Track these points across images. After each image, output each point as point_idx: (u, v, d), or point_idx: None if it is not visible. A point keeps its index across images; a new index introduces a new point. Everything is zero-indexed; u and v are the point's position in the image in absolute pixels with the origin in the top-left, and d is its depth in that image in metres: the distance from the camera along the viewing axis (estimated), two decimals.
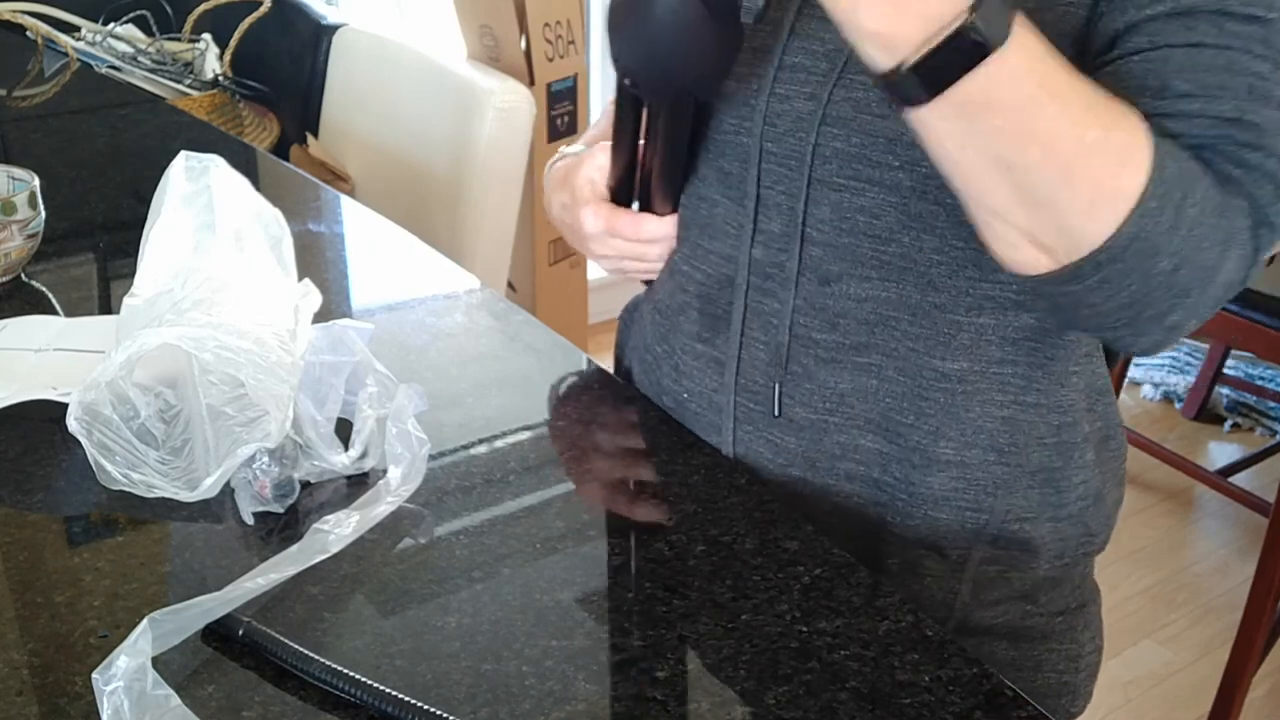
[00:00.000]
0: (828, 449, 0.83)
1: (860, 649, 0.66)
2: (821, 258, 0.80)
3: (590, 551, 0.73)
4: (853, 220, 0.79)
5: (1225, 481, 2.27)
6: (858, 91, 0.76)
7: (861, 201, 0.78)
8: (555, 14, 2.44)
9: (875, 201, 0.77)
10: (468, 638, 0.66)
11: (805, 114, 0.79)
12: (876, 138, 0.76)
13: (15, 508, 0.76)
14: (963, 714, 0.62)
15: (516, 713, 0.61)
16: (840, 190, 0.78)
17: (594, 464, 0.83)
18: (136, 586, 0.69)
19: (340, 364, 0.80)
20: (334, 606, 0.68)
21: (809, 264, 0.81)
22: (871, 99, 0.75)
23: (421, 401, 0.79)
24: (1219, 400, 2.70)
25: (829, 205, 0.79)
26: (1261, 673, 1.86)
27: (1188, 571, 2.24)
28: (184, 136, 1.56)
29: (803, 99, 0.79)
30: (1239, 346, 2.35)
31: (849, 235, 0.79)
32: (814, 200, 0.80)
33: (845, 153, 0.77)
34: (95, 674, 0.59)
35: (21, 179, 1.08)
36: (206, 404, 0.74)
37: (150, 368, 0.78)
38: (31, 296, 1.06)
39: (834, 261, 0.80)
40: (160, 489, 0.74)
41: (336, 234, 1.23)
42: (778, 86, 0.80)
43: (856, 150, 0.77)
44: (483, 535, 0.75)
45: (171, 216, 0.86)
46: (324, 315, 0.85)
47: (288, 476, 0.75)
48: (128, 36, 2.27)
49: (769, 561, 0.72)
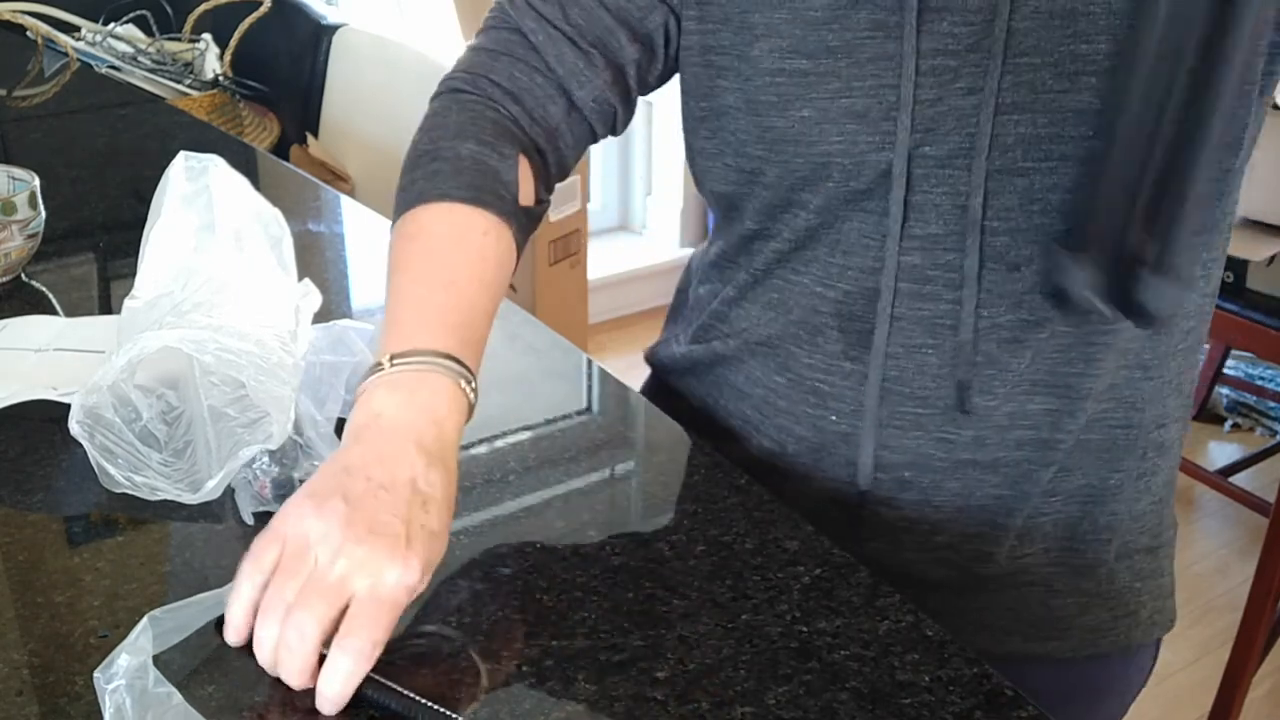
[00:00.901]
0: (998, 422, 0.82)
1: (860, 649, 0.66)
2: (1009, 245, 0.78)
3: (590, 551, 0.73)
4: (1044, 200, 0.76)
5: (1225, 481, 2.27)
6: (1028, 74, 0.74)
7: (1053, 180, 0.76)
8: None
9: (1068, 176, 0.75)
10: (468, 638, 0.66)
11: (969, 109, 0.75)
12: (1065, 113, 0.74)
13: (15, 508, 0.76)
14: (963, 714, 0.62)
15: (516, 713, 0.61)
16: (1028, 174, 0.76)
17: (594, 464, 0.83)
18: (136, 586, 0.69)
19: (340, 364, 0.80)
20: None
21: (992, 254, 0.78)
22: (1047, 76, 0.73)
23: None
24: (1219, 400, 2.70)
25: (1015, 192, 0.76)
26: (1261, 673, 1.86)
27: (1188, 571, 2.24)
28: (184, 136, 1.56)
29: (959, 95, 0.75)
30: (1239, 346, 2.35)
31: (1040, 216, 0.77)
32: (995, 191, 0.76)
33: (1031, 135, 0.75)
34: (97, 673, 0.59)
35: (21, 179, 1.08)
36: (208, 405, 0.74)
37: (152, 369, 0.78)
38: (31, 296, 1.06)
39: (1024, 246, 0.78)
40: (163, 492, 0.74)
41: (336, 234, 1.23)
42: (922, 93, 0.76)
43: (1044, 131, 0.75)
44: (483, 535, 0.75)
45: (171, 217, 0.86)
46: (324, 315, 0.85)
47: (288, 476, 0.75)
48: (128, 36, 2.27)
49: (769, 561, 0.72)
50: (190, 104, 2.14)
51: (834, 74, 0.77)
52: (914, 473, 0.84)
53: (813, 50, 0.77)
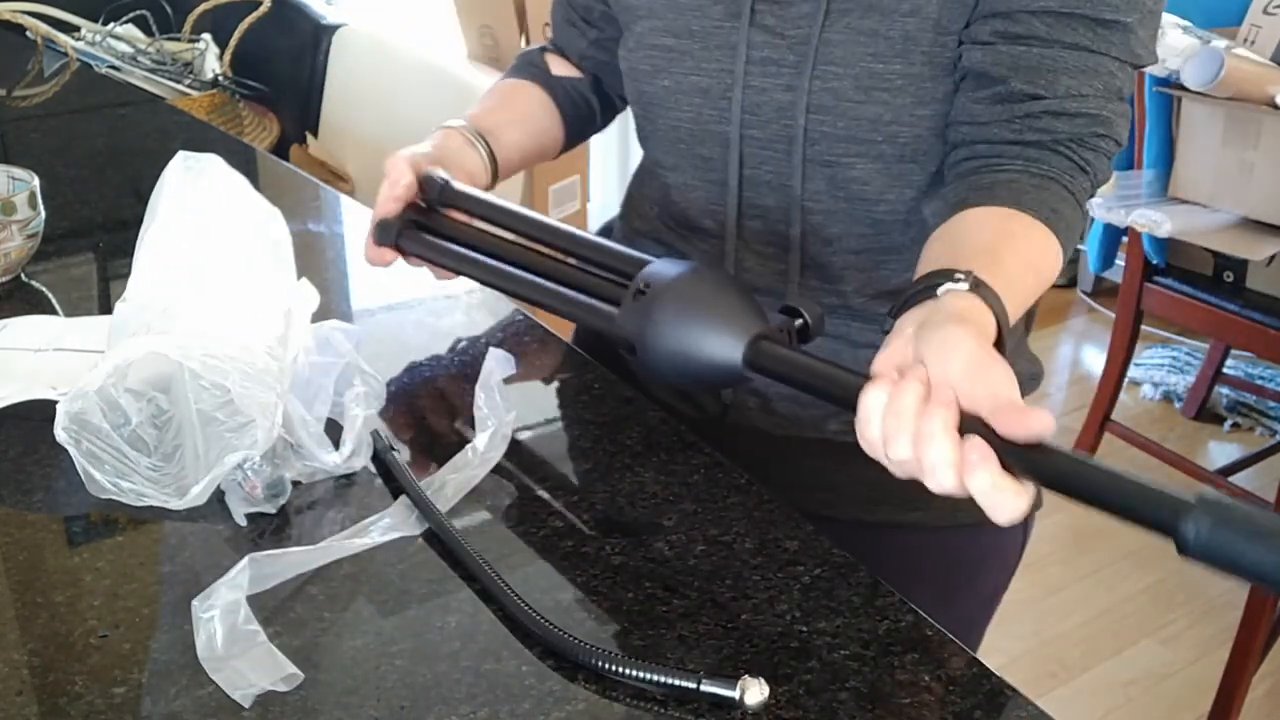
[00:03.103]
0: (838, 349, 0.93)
1: (860, 649, 0.66)
2: (822, 223, 0.91)
3: (590, 551, 0.73)
4: (847, 189, 0.89)
5: (1225, 481, 2.26)
6: (832, 82, 0.85)
7: (853, 173, 0.88)
8: None
9: (865, 171, 0.88)
10: (468, 638, 0.66)
11: (786, 104, 0.88)
12: (859, 120, 0.85)
13: (15, 508, 0.76)
14: (963, 714, 0.62)
15: (516, 713, 0.61)
16: (832, 166, 0.88)
17: (594, 464, 0.83)
18: (136, 586, 0.69)
19: (329, 364, 0.80)
20: (334, 606, 0.68)
21: (812, 227, 0.91)
22: (847, 88, 0.85)
23: (510, 366, 0.85)
24: (1219, 400, 2.70)
25: (823, 179, 0.89)
26: (1261, 673, 1.86)
27: (1188, 571, 2.24)
28: (183, 136, 1.56)
29: (780, 90, 0.88)
30: (1239, 346, 2.35)
31: (845, 201, 0.90)
32: (809, 176, 0.89)
33: (833, 135, 0.87)
34: (195, 601, 0.65)
35: (21, 179, 1.08)
36: (197, 409, 0.74)
37: (144, 372, 0.77)
38: (31, 296, 1.06)
39: (834, 224, 0.91)
40: (150, 498, 0.75)
41: (336, 234, 1.23)
42: (750, 80, 0.89)
43: (844, 133, 0.86)
44: (482, 535, 0.75)
45: (168, 218, 0.86)
46: (323, 315, 0.85)
47: (279, 476, 0.75)
48: (128, 36, 2.27)
49: (769, 561, 0.72)
50: (190, 104, 2.14)
51: (689, 54, 0.92)
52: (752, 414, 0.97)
53: (679, 31, 0.92)
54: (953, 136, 0.86)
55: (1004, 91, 0.82)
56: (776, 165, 0.90)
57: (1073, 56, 0.81)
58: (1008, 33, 0.81)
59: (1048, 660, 1.98)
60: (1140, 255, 2.11)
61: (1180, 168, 1.96)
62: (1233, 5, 2.01)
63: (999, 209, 0.78)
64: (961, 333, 0.62)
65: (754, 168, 0.91)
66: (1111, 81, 0.82)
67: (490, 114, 1.03)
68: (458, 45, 2.64)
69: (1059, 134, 0.81)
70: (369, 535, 0.72)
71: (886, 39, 0.83)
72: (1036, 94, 0.81)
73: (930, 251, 0.76)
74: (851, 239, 0.91)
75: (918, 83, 0.84)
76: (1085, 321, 3.14)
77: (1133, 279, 2.16)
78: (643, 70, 0.96)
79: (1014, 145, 0.82)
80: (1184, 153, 1.95)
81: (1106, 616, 2.10)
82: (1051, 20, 0.80)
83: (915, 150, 0.87)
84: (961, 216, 0.78)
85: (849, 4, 0.84)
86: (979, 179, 0.82)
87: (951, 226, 0.78)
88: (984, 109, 0.83)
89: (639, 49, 0.96)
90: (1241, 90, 1.81)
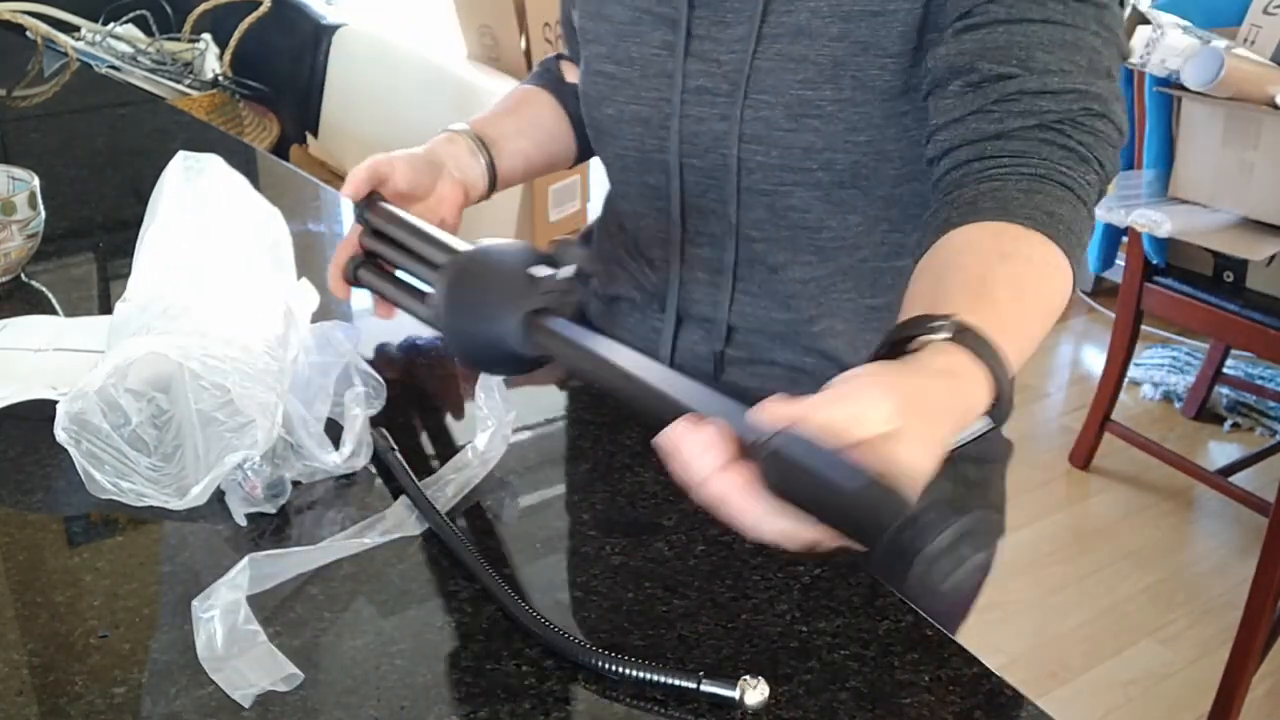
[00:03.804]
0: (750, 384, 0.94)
1: (860, 649, 0.65)
2: (766, 251, 0.89)
3: (590, 551, 0.73)
4: (786, 217, 0.87)
5: (1225, 481, 2.26)
6: (764, 111, 0.83)
7: (791, 201, 0.86)
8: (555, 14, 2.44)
9: (803, 200, 0.85)
10: (468, 638, 0.66)
11: (721, 133, 0.86)
12: (792, 149, 0.83)
13: (15, 508, 0.76)
14: (963, 714, 0.62)
15: (516, 713, 0.61)
16: (770, 194, 0.86)
17: (594, 464, 0.83)
18: (136, 586, 0.69)
19: (329, 364, 0.80)
20: (334, 606, 0.68)
21: (756, 256, 0.89)
22: (779, 116, 0.83)
23: None
24: (1219, 400, 2.70)
25: (762, 207, 0.87)
26: (1261, 673, 1.86)
27: (1188, 571, 2.24)
28: (183, 136, 1.56)
29: (715, 119, 0.86)
30: (1239, 346, 2.35)
31: (786, 229, 0.87)
32: (746, 205, 0.87)
33: (767, 164, 0.84)
34: (195, 601, 0.65)
35: (21, 179, 1.08)
36: (197, 410, 0.74)
37: (144, 372, 0.78)
38: (31, 296, 1.06)
39: (778, 253, 0.89)
40: (150, 498, 0.75)
41: (336, 234, 1.23)
42: (687, 109, 0.87)
43: (778, 161, 0.84)
44: (482, 535, 0.75)
45: (168, 218, 0.86)
46: (323, 315, 0.85)
47: (279, 476, 0.75)
48: (128, 36, 2.27)
49: (769, 561, 0.72)
50: (190, 104, 2.14)
51: (629, 81, 0.90)
52: None
53: (620, 58, 0.90)
54: (931, 150, 0.78)
55: (973, 79, 0.74)
56: (719, 193, 0.88)
57: (1045, 30, 0.73)
58: (967, 25, 0.75)
59: (1048, 660, 1.97)
60: (1140, 255, 2.11)
61: (1180, 168, 1.96)
62: (1233, 5, 2.01)
63: (985, 225, 0.68)
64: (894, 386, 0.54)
65: (696, 196, 0.90)
66: (1096, 59, 0.74)
67: (497, 121, 1.01)
68: (457, 45, 2.64)
69: (1045, 115, 0.72)
70: (369, 535, 0.72)
71: (815, 64, 0.81)
72: (1009, 73, 0.73)
73: (911, 291, 0.68)
74: (796, 267, 0.89)
75: (849, 108, 0.81)
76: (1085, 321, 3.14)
77: (1133, 279, 2.16)
78: (590, 97, 0.94)
79: (996, 139, 0.73)
80: (1184, 153, 1.95)
81: (1106, 616, 2.10)
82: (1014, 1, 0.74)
83: (854, 176, 0.84)
84: (944, 243, 0.69)
85: (779, 29, 0.82)
86: (961, 194, 0.72)
87: (933, 257, 0.69)
88: (954, 102, 0.75)
89: (587, 74, 0.94)
90: (1241, 90, 1.81)
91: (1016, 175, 0.71)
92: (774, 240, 0.88)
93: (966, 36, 0.75)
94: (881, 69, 0.80)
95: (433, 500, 0.74)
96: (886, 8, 0.79)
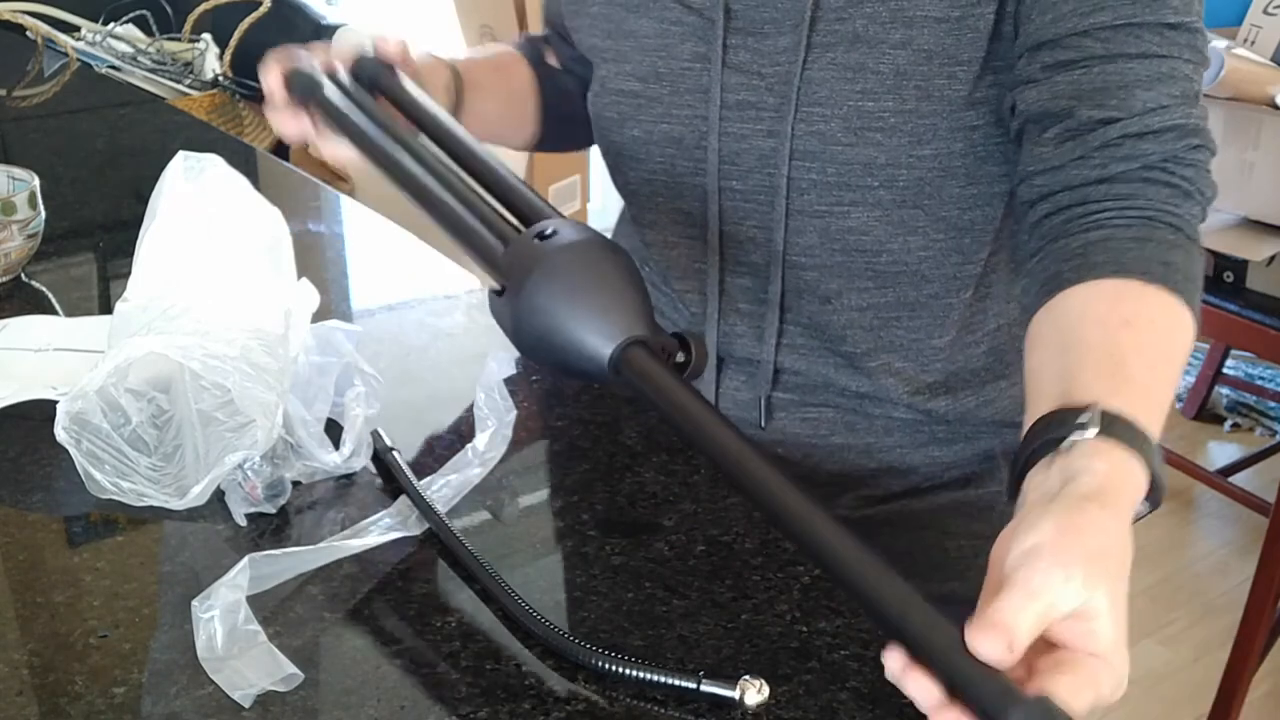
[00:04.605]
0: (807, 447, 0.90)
1: (860, 649, 0.65)
2: (818, 279, 0.83)
3: (590, 551, 0.73)
4: (841, 240, 0.81)
5: (1225, 481, 2.26)
6: (818, 125, 0.78)
7: (848, 223, 0.80)
8: None
9: (861, 221, 0.80)
10: (468, 638, 0.66)
11: (768, 151, 0.80)
12: (851, 165, 0.78)
13: (15, 508, 0.76)
14: None
15: (516, 713, 0.61)
16: (824, 216, 0.80)
17: (594, 464, 0.83)
18: (136, 586, 0.69)
19: (329, 364, 0.80)
20: (334, 606, 0.68)
21: (804, 285, 0.83)
22: (836, 129, 0.78)
23: (510, 366, 0.82)
24: (1219, 400, 2.70)
25: (814, 231, 0.81)
26: (1261, 673, 1.85)
27: (1188, 571, 2.24)
28: (183, 136, 1.56)
29: (760, 136, 0.80)
30: (1239, 346, 2.34)
31: (841, 254, 0.81)
32: (795, 229, 0.81)
33: (823, 183, 0.79)
34: (195, 601, 0.64)
35: (21, 179, 1.08)
36: (197, 409, 0.74)
37: (145, 372, 0.78)
38: (31, 296, 1.05)
39: (831, 280, 0.83)
40: (150, 498, 0.75)
41: (336, 234, 1.23)
42: (726, 126, 0.81)
43: (835, 179, 0.79)
44: (482, 535, 0.75)
45: (168, 218, 0.86)
46: (323, 315, 0.85)
47: (279, 477, 0.75)
48: (128, 36, 2.27)
49: (769, 561, 0.72)
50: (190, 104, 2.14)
51: (658, 100, 0.84)
52: None
53: (645, 74, 0.84)
54: (1026, 193, 0.75)
55: (1072, 125, 0.72)
56: (763, 217, 0.82)
57: (1143, 66, 0.70)
58: (1060, 61, 0.72)
59: None
60: None
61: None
62: (1233, 5, 2.01)
63: (1103, 285, 0.65)
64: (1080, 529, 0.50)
65: (736, 222, 0.84)
66: (1189, 87, 0.71)
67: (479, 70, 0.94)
68: (458, 45, 2.64)
69: (1149, 158, 0.70)
70: (369, 535, 0.72)
71: (875, 74, 0.76)
72: (1110, 117, 0.70)
73: (1034, 363, 0.65)
74: (852, 294, 0.83)
75: (913, 119, 0.77)
76: None
77: None
78: (609, 119, 0.88)
79: (1100, 184, 0.71)
80: None
81: None
82: (1109, 35, 0.71)
83: (918, 194, 0.79)
84: (1060, 307, 0.66)
85: (831, 38, 0.77)
86: (1068, 244, 0.69)
87: (1050, 325, 0.66)
88: (1053, 150, 0.72)
89: (604, 95, 0.88)
90: (1241, 90, 1.81)
91: (1124, 220, 0.69)
92: (826, 267, 0.83)
93: (1061, 78, 0.72)
94: (949, 78, 0.76)
95: (433, 500, 0.74)
96: (951, 14, 0.75)
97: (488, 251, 0.66)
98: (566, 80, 1.00)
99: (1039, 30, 0.73)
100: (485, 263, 0.66)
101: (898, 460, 0.90)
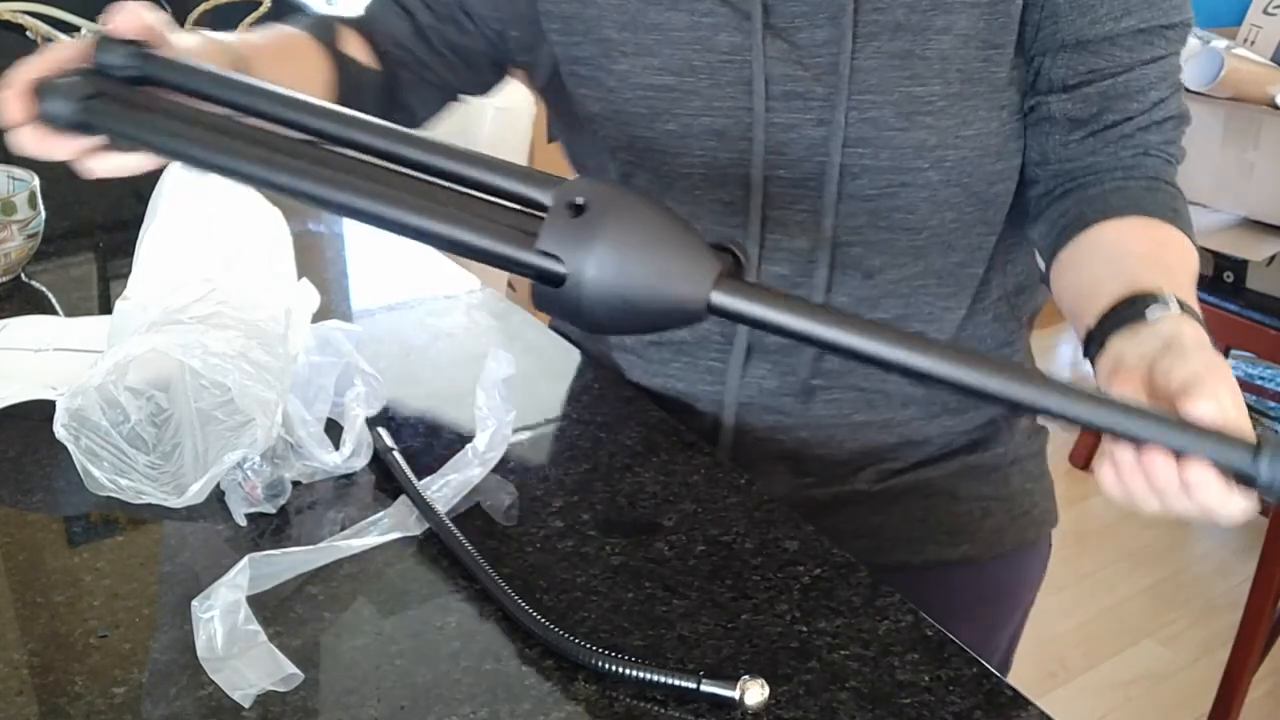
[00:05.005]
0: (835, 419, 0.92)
1: (860, 649, 0.65)
2: (862, 255, 0.86)
3: (590, 551, 0.73)
4: (889, 219, 0.84)
5: None
6: (871, 112, 0.80)
7: (896, 203, 0.83)
8: None
9: (909, 200, 0.83)
10: (468, 638, 0.66)
11: (819, 139, 0.82)
12: (904, 149, 0.81)
13: (15, 508, 0.76)
14: (963, 714, 0.62)
15: (516, 713, 0.61)
16: (874, 199, 0.83)
17: (594, 464, 0.83)
18: (136, 586, 0.69)
19: (329, 364, 0.80)
20: (334, 606, 0.68)
21: (850, 262, 0.85)
22: (889, 115, 0.80)
23: (510, 366, 0.81)
24: None
25: (865, 213, 0.84)
26: (1261, 673, 1.86)
27: (1188, 571, 2.24)
28: None
29: (810, 125, 0.82)
30: (1239, 347, 2.34)
31: (887, 232, 0.84)
32: (849, 213, 0.83)
33: (876, 167, 0.82)
34: (195, 601, 0.64)
35: (21, 179, 1.08)
36: (197, 408, 0.74)
37: (144, 371, 0.78)
38: (31, 296, 1.06)
39: (875, 256, 0.86)
40: (148, 495, 0.75)
41: (336, 234, 1.23)
42: (773, 116, 0.82)
43: (888, 163, 0.81)
44: (483, 535, 0.75)
45: (168, 217, 0.86)
46: (323, 315, 0.85)
47: (279, 477, 0.75)
48: None
49: (769, 561, 0.72)
50: None
51: (696, 92, 0.83)
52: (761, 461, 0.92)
53: (679, 68, 0.83)
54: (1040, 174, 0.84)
55: (1095, 127, 0.81)
56: (812, 202, 0.84)
57: (1154, 69, 0.80)
58: (1090, 69, 0.80)
59: (1048, 660, 1.97)
60: None
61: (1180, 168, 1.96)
62: (1233, 5, 2.01)
63: (1130, 219, 0.76)
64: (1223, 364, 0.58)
65: (781, 208, 0.84)
66: (1176, 76, 0.82)
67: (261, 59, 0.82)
68: None
69: (1151, 143, 0.82)
70: (369, 535, 0.72)
71: (922, 59, 0.79)
72: (1127, 117, 0.81)
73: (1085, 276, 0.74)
74: (892, 269, 0.86)
75: (959, 102, 0.80)
76: None
77: None
78: (636, 114, 0.86)
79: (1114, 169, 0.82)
80: None
81: (1106, 616, 2.10)
82: (1132, 41, 0.79)
83: (960, 173, 0.83)
84: (1094, 235, 0.77)
85: (874, 27, 0.79)
86: (1084, 193, 0.81)
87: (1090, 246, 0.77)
88: (1078, 146, 0.82)
89: (624, 89, 0.85)
90: (1241, 90, 1.81)
91: (1132, 181, 0.80)
92: (871, 244, 0.85)
93: (1091, 89, 0.81)
94: (987, 60, 0.80)
95: (433, 500, 0.74)
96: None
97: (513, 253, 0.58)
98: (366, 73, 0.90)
99: (1076, 29, 0.80)
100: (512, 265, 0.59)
101: (914, 432, 0.93)
